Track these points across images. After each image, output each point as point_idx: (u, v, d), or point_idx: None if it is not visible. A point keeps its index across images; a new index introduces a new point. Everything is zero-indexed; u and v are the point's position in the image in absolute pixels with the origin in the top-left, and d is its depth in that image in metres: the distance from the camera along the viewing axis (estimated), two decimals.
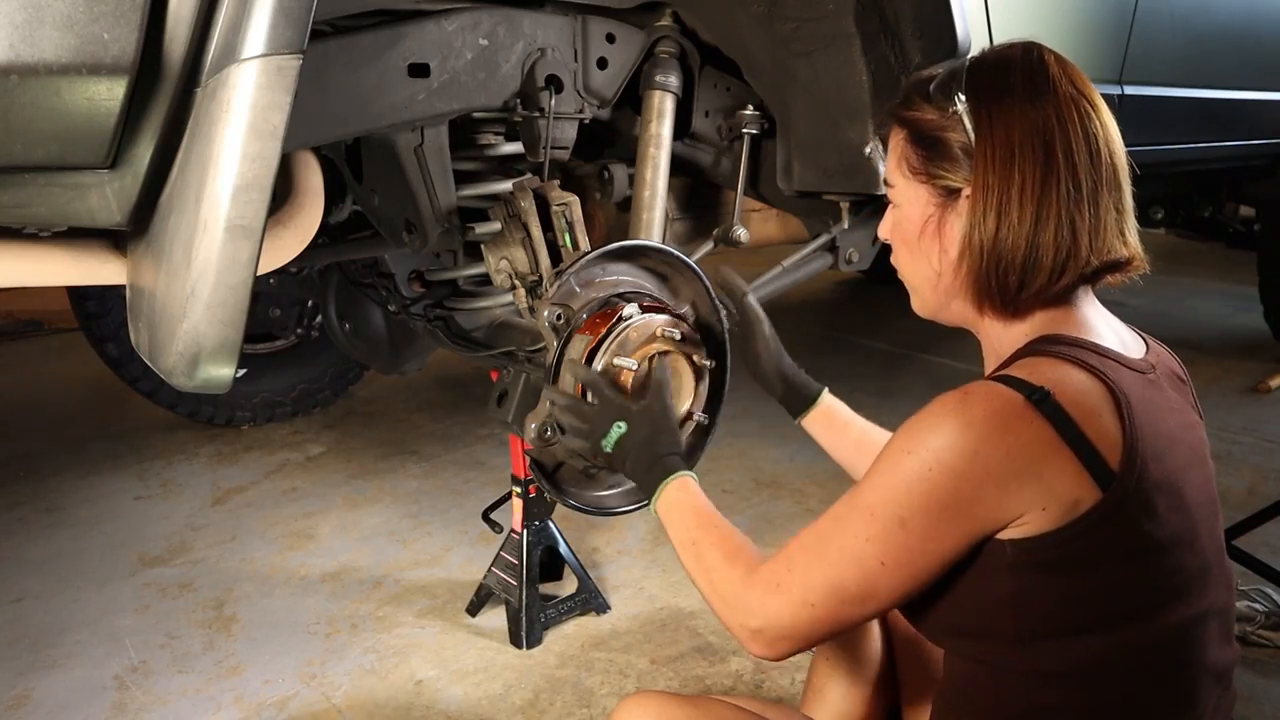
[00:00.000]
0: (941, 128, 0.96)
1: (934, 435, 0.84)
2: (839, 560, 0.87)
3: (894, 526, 0.85)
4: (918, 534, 0.84)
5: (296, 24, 0.89)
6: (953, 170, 0.95)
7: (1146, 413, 0.87)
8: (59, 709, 1.73)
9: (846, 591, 0.87)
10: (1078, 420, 0.83)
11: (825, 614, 0.88)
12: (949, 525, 0.84)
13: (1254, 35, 2.84)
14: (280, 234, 1.26)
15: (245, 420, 3.13)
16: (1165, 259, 5.89)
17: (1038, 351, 0.91)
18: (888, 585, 0.87)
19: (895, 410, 1.61)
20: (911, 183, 1.00)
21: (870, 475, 0.89)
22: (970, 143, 0.93)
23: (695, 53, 1.77)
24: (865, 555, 0.86)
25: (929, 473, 0.83)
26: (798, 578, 0.89)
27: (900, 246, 1.04)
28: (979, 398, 0.85)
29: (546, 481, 1.46)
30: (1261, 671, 1.79)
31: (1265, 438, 2.99)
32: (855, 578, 0.87)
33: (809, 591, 0.88)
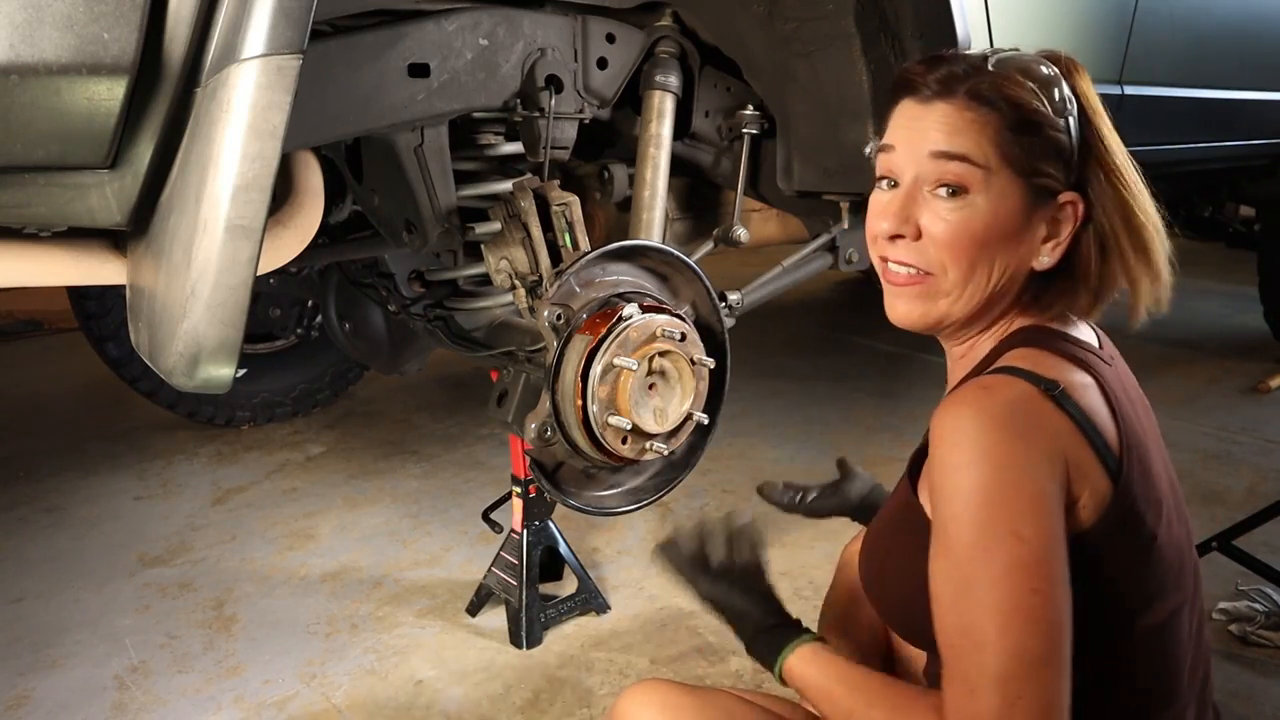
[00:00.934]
0: (1052, 124, 0.89)
1: (981, 434, 0.80)
2: (999, 633, 0.76)
3: (1015, 544, 0.77)
4: (1038, 535, 0.78)
5: (296, 24, 0.89)
6: (1056, 171, 0.89)
7: (1123, 404, 0.88)
8: (59, 709, 1.73)
9: (1033, 651, 0.76)
10: (1086, 412, 0.84)
11: (1037, 692, 0.76)
12: (1049, 511, 0.79)
13: (1254, 35, 2.84)
14: (280, 234, 1.26)
15: (245, 420, 3.13)
16: None
17: (1028, 343, 0.91)
18: (1057, 609, 0.77)
19: (895, 410, 1.60)
20: (1009, 174, 0.88)
21: (945, 520, 0.81)
22: (1072, 145, 0.90)
23: (695, 53, 1.77)
24: (1014, 597, 0.77)
25: (1003, 471, 0.79)
26: (982, 682, 0.76)
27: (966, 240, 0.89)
28: (1001, 387, 0.84)
29: (546, 481, 1.46)
30: (1262, 671, 1.79)
31: (1265, 438, 2.99)
32: (1029, 630, 0.76)
33: (1004, 685, 0.76)
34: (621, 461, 1.44)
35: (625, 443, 1.40)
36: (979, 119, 0.88)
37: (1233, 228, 4.28)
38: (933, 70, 0.91)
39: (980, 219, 0.88)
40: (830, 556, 1.43)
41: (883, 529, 1.04)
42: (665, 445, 1.43)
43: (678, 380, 1.42)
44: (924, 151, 0.90)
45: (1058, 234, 0.91)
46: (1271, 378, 3.48)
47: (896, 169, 0.93)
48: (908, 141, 0.92)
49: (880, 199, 0.95)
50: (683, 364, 1.41)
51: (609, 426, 1.37)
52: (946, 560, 0.81)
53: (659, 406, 1.41)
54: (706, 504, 2.55)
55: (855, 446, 2.94)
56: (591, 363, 1.35)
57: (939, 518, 0.82)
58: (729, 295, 1.79)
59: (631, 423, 1.37)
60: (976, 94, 0.88)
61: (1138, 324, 0.97)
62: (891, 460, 2.82)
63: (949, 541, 0.80)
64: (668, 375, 1.41)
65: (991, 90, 0.88)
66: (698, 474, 2.61)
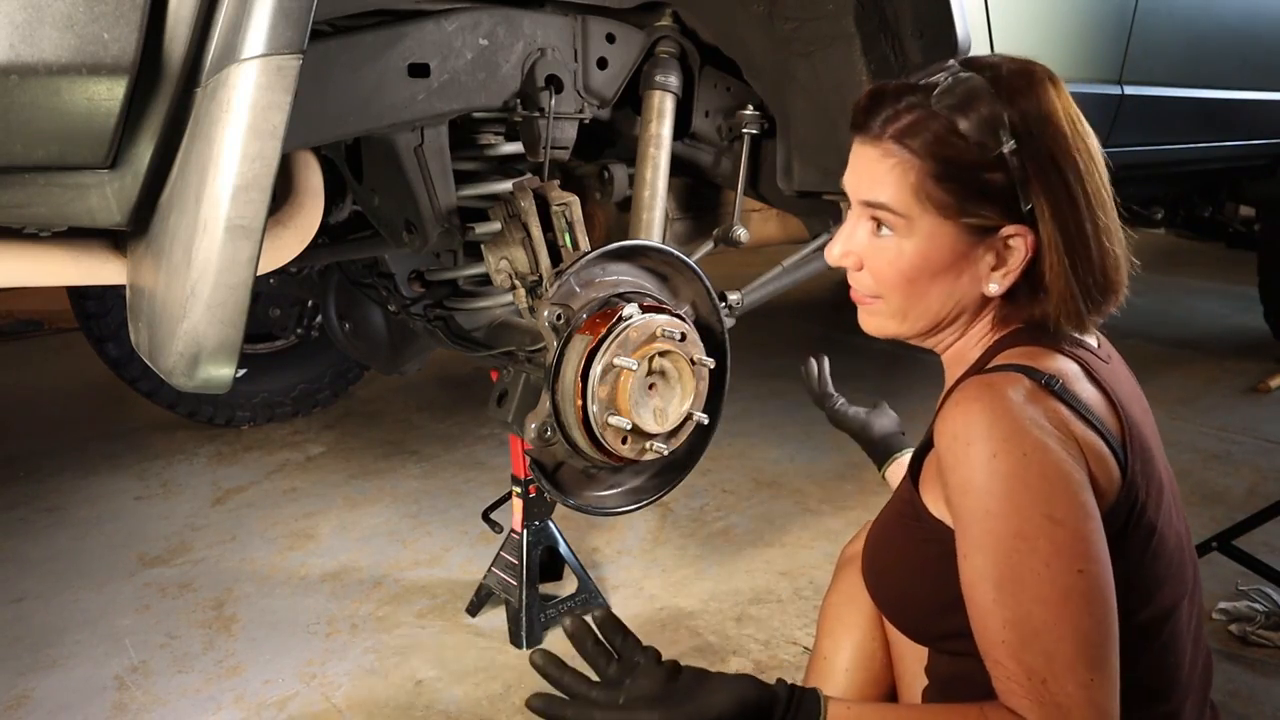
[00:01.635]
0: (983, 166, 0.88)
1: (996, 426, 0.80)
2: (1055, 619, 0.76)
3: (1051, 528, 0.77)
4: (1072, 515, 0.78)
5: (296, 24, 0.89)
6: (990, 210, 0.89)
7: (1120, 396, 0.90)
8: (59, 709, 1.73)
9: (1094, 632, 0.76)
10: (1086, 403, 0.84)
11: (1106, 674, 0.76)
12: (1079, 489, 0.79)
13: (1254, 35, 2.84)
14: (280, 234, 1.26)
15: (245, 420, 3.13)
16: (1165, 259, 5.89)
17: (1023, 342, 0.92)
18: (1105, 583, 0.77)
19: (895, 410, 1.61)
20: (937, 220, 0.90)
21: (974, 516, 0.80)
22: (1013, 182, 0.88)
23: (695, 53, 1.77)
24: (1063, 579, 0.76)
25: (1026, 457, 0.79)
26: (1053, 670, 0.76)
27: (890, 274, 0.93)
28: (1005, 382, 0.84)
29: (546, 481, 1.46)
30: (1262, 671, 1.79)
31: (1265, 438, 2.99)
32: (1082, 612, 0.76)
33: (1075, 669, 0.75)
34: (621, 461, 1.44)
35: (625, 443, 1.40)
36: (901, 164, 0.90)
37: (1233, 228, 4.28)
38: (873, 107, 0.93)
39: (907, 259, 0.91)
40: (830, 556, 1.43)
41: (885, 526, 1.05)
42: (665, 445, 1.43)
43: (678, 380, 1.42)
44: (856, 197, 0.95)
45: (1006, 263, 0.91)
46: (1271, 378, 3.48)
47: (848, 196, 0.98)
48: (849, 181, 0.96)
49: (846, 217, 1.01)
50: (683, 364, 1.41)
51: (609, 426, 1.37)
52: (982, 557, 0.80)
53: (659, 406, 1.41)
54: (706, 504, 2.55)
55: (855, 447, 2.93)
56: (591, 363, 1.35)
57: (966, 516, 0.81)
58: (729, 295, 1.79)
59: (631, 423, 1.37)
60: (901, 140, 0.90)
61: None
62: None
63: (982, 538, 0.80)
64: (668, 375, 1.41)
65: (915, 138, 0.89)
66: (698, 474, 2.61)
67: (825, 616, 1.33)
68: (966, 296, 0.94)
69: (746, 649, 1.88)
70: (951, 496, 0.84)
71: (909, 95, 0.91)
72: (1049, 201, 0.88)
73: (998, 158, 0.87)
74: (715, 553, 2.28)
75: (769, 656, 1.86)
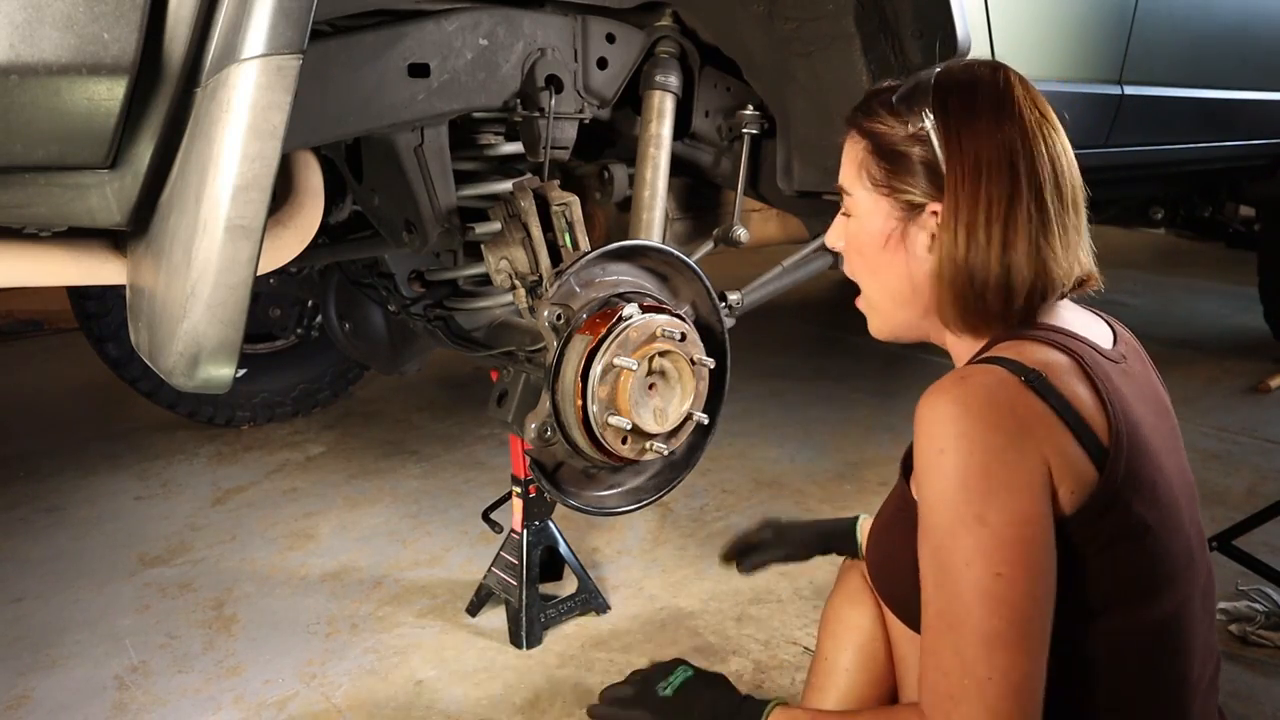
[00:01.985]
0: (906, 142, 0.95)
1: (953, 422, 0.83)
2: (968, 614, 0.79)
3: (978, 528, 0.80)
4: (1002, 519, 0.80)
5: (296, 24, 0.89)
6: (915, 186, 0.95)
7: (1123, 398, 0.89)
8: (59, 709, 1.73)
9: (1002, 635, 0.78)
10: (1069, 400, 0.84)
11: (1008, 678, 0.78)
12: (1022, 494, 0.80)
13: (1254, 35, 2.84)
14: (280, 234, 1.26)
15: (245, 420, 3.13)
16: (1165, 259, 5.89)
17: (1018, 336, 0.93)
18: (1024, 592, 0.79)
19: (894, 410, 1.61)
20: (872, 194, 0.99)
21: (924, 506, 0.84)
22: (935, 160, 0.93)
23: (695, 53, 1.77)
24: (980, 581, 0.79)
25: (971, 456, 0.81)
26: (957, 670, 0.79)
27: (854, 257, 1.04)
28: (978, 375, 0.86)
29: (546, 481, 1.46)
30: (1262, 671, 1.79)
31: (1265, 438, 2.99)
32: (993, 612, 0.79)
33: (973, 667, 0.79)
34: (621, 461, 1.44)
35: (625, 443, 1.40)
36: (852, 147, 1.01)
37: (1233, 228, 4.28)
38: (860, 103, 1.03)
39: (853, 232, 1.02)
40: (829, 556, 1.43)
41: (884, 521, 1.06)
42: (665, 445, 1.43)
43: (678, 380, 1.42)
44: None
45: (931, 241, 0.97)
46: (1271, 378, 3.48)
47: None
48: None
49: None
50: (683, 364, 1.41)
51: (609, 426, 1.37)
52: (925, 545, 0.84)
53: (659, 406, 1.41)
54: (706, 504, 2.55)
55: (855, 446, 2.94)
56: (591, 363, 1.35)
57: (920, 504, 0.85)
58: (729, 295, 1.79)
59: (631, 423, 1.37)
60: (852, 124, 1.01)
61: None
62: (892, 460, 2.82)
63: (926, 527, 0.84)
64: (668, 375, 1.41)
65: (861, 121, 1.00)
66: (698, 474, 2.61)
67: (827, 618, 1.33)
68: (917, 274, 0.99)
69: (746, 649, 1.88)
70: (915, 485, 0.87)
71: (882, 93, 1.00)
72: (962, 179, 0.92)
73: (920, 134, 0.94)
74: (715, 553, 2.26)
75: (769, 656, 1.86)
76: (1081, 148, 0.97)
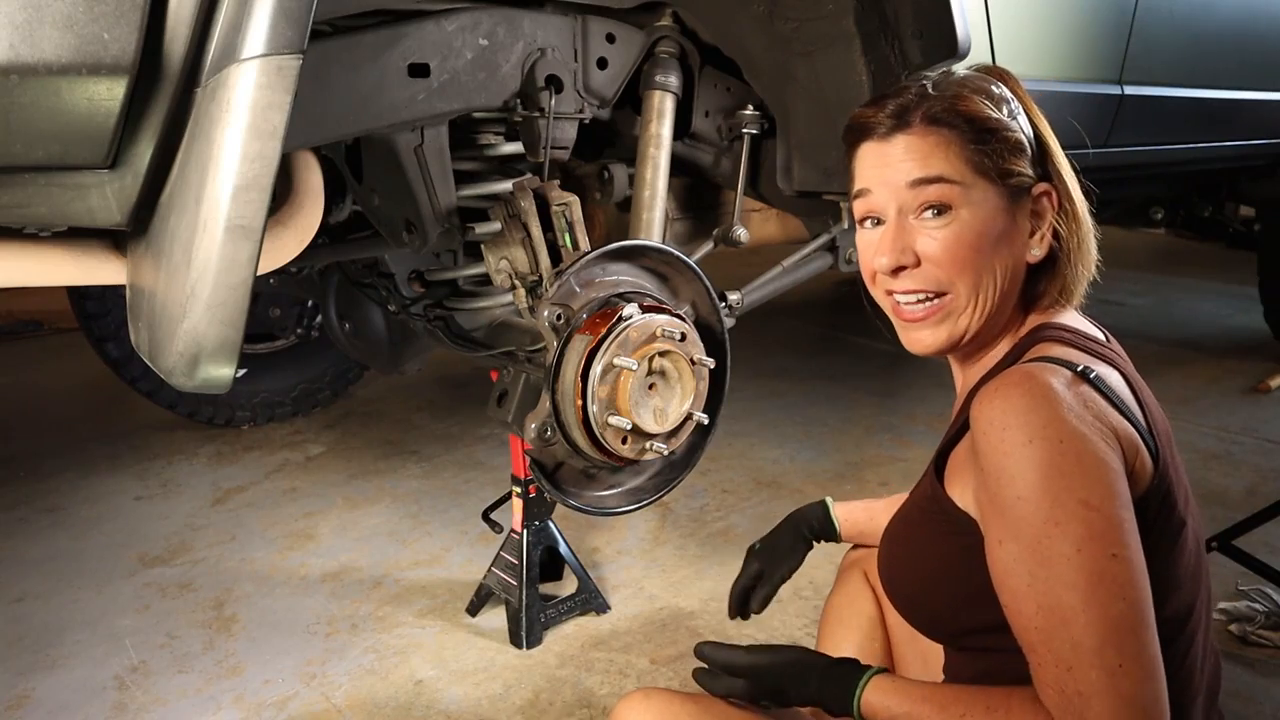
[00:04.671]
0: (1003, 123, 0.92)
1: (1034, 414, 0.81)
2: (1084, 604, 0.76)
3: (1086, 513, 0.77)
4: (1107, 501, 0.78)
5: (296, 24, 0.88)
6: (1025, 167, 0.93)
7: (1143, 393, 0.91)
8: (59, 709, 1.73)
9: (1125, 619, 0.76)
10: (1122, 397, 0.86)
11: (1136, 657, 0.75)
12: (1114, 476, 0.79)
13: (1254, 35, 2.84)
14: (280, 234, 1.26)
15: (245, 420, 3.13)
16: (1165, 259, 5.89)
17: (1047, 338, 0.93)
18: (1138, 570, 0.77)
19: (895, 410, 1.61)
20: (984, 183, 0.92)
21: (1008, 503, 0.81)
22: (1027, 139, 0.94)
23: (695, 53, 1.77)
24: (1096, 564, 0.76)
25: (1062, 444, 0.79)
26: (1079, 656, 0.76)
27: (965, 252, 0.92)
28: (1043, 372, 0.85)
29: (546, 481, 1.46)
30: (1262, 671, 1.79)
31: (1265, 438, 2.99)
32: (1116, 595, 0.76)
33: (1103, 654, 0.75)
34: (621, 461, 1.44)
35: (625, 443, 1.40)
36: (942, 139, 0.92)
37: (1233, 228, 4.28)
38: (882, 108, 0.95)
39: (970, 229, 0.92)
40: (829, 556, 1.43)
41: (904, 522, 1.04)
42: (665, 445, 1.43)
43: (678, 380, 1.42)
44: (901, 183, 0.93)
45: (1040, 225, 0.96)
46: (1271, 378, 3.48)
47: (877, 207, 0.97)
48: (882, 179, 0.95)
49: (869, 238, 0.99)
50: (683, 364, 1.41)
51: (609, 426, 1.37)
52: (1016, 544, 0.81)
53: (659, 406, 1.41)
54: (706, 504, 2.55)
55: (855, 446, 2.94)
56: (591, 363, 1.35)
57: (999, 503, 0.82)
58: (729, 295, 1.79)
59: (631, 423, 1.37)
60: (932, 118, 0.93)
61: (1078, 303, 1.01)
62: (892, 460, 2.82)
63: (1016, 524, 0.80)
64: (668, 375, 1.41)
65: (945, 110, 0.92)
66: (698, 474, 2.62)
67: (827, 618, 1.33)
68: (1018, 269, 0.95)
69: None
70: (986, 483, 0.84)
71: (909, 93, 0.96)
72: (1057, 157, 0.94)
73: (1016, 120, 0.93)
74: (715, 553, 2.28)
75: None
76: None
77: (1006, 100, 0.95)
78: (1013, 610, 0.82)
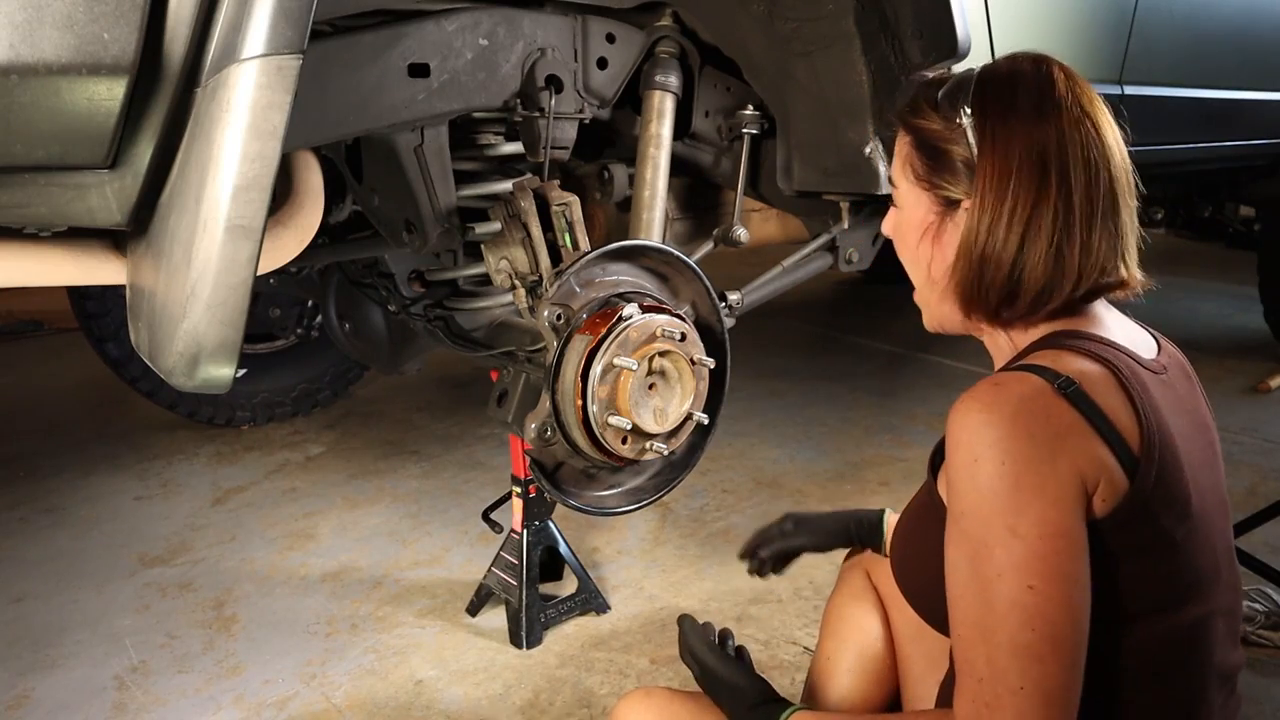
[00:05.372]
0: (946, 139, 0.96)
1: (987, 430, 0.82)
2: (1001, 625, 0.79)
3: (1010, 540, 0.80)
4: (1034, 531, 0.80)
5: (296, 24, 0.88)
6: (954, 183, 0.96)
7: (1159, 410, 0.88)
8: (59, 709, 1.73)
9: (1035, 648, 0.78)
10: (1102, 408, 0.84)
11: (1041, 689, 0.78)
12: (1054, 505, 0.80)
13: (1254, 35, 2.84)
14: (280, 234, 1.26)
15: (245, 420, 3.13)
16: (1165, 259, 5.89)
17: (1055, 345, 0.93)
18: (1057, 604, 0.79)
19: (895, 410, 1.61)
20: (914, 188, 1.01)
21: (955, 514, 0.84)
22: (972, 158, 0.94)
23: (695, 53, 1.77)
24: (1012, 593, 0.79)
25: (1003, 466, 0.81)
26: (989, 679, 0.80)
27: (900, 247, 1.06)
28: (1013, 383, 0.86)
29: (546, 481, 1.46)
30: (1261, 671, 1.79)
31: (1265, 438, 2.99)
32: (1025, 624, 0.79)
33: (1006, 676, 0.79)
34: (621, 461, 1.44)
35: (625, 443, 1.40)
36: (900, 141, 1.03)
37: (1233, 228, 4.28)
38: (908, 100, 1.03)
39: (899, 225, 1.05)
40: (829, 556, 1.43)
41: (909, 519, 1.06)
42: (665, 445, 1.43)
43: (678, 380, 1.42)
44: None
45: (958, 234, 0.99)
46: (1271, 378, 3.48)
47: None
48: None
49: None
50: (683, 364, 1.41)
51: (609, 426, 1.37)
52: (954, 552, 0.84)
53: (659, 406, 1.41)
54: (706, 504, 2.55)
55: (855, 446, 2.94)
56: (591, 363, 1.35)
57: (950, 512, 0.85)
58: (729, 295, 1.79)
59: (631, 423, 1.37)
60: (902, 122, 1.02)
61: None
62: (892, 460, 2.82)
63: (956, 535, 0.84)
64: (668, 375, 1.41)
65: (908, 119, 1.01)
66: (698, 474, 2.61)
67: (829, 617, 1.32)
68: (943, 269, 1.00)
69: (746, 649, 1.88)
70: (947, 489, 0.87)
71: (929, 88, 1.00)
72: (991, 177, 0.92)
73: (959, 132, 0.95)
74: (715, 553, 2.28)
75: (768, 656, 1.86)
76: None
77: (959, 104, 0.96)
78: (950, 613, 0.85)
